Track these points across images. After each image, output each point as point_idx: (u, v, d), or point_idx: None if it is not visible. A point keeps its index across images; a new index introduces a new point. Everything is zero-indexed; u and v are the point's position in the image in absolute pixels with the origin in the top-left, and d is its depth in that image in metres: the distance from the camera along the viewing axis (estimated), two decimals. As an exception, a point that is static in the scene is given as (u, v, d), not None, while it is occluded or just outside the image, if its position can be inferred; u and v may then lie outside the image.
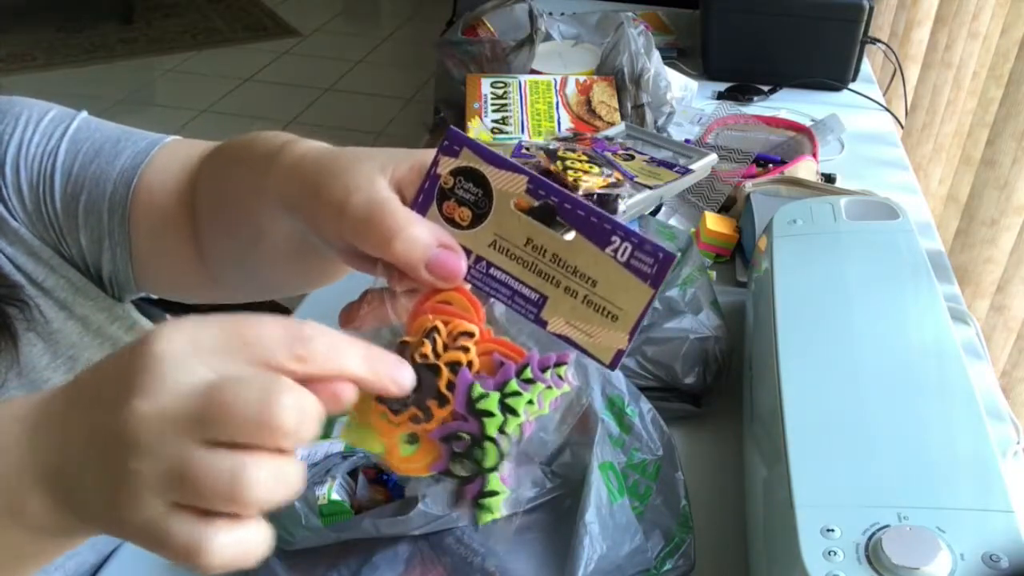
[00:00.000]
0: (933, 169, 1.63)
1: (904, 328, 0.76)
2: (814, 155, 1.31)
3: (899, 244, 0.87)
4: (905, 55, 1.75)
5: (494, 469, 0.42)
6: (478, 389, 0.41)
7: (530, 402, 0.41)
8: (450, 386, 0.41)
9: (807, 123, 1.44)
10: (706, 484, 0.78)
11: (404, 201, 0.43)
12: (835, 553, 0.57)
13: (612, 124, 1.25)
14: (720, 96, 1.58)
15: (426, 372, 0.41)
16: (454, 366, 0.41)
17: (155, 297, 0.73)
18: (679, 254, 0.35)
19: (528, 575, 0.64)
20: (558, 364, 0.42)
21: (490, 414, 0.41)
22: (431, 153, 0.43)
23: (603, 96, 1.30)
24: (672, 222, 1.17)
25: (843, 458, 0.64)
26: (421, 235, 0.41)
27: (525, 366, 0.41)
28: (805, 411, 0.68)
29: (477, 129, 1.25)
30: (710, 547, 0.72)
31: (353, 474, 0.71)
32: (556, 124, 1.26)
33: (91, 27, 4.13)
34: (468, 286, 0.43)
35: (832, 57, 1.59)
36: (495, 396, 0.41)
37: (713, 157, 1.17)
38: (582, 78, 1.33)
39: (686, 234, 1.03)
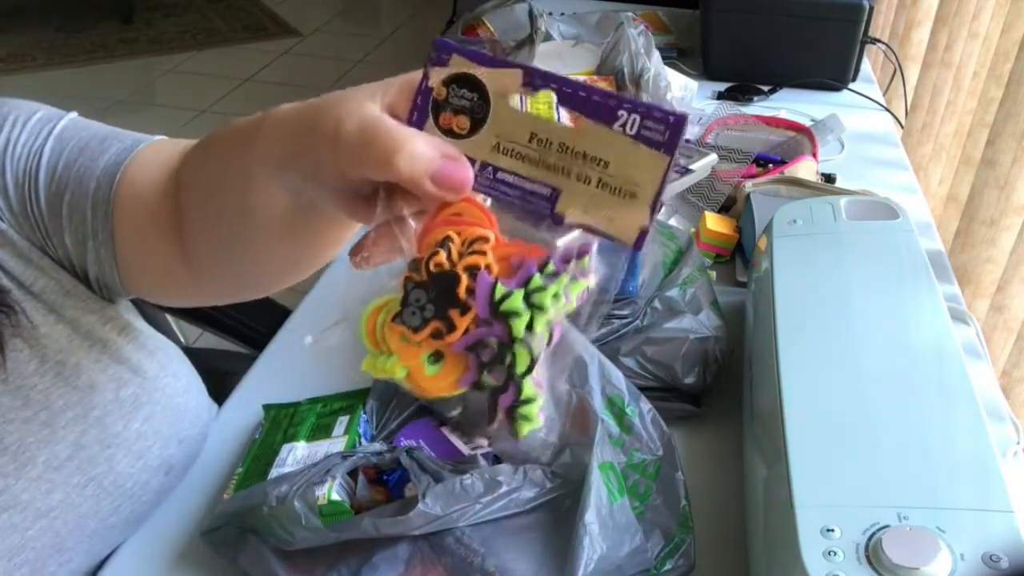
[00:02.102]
0: (933, 169, 1.63)
1: (904, 328, 0.76)
2: (814, 155, 1.31)
3: (899, 244, 0.87)
4: (905, 55, 1.75)
5: (527, 374, 0.39)
6: (500, 289, 0.39)
7: (556, 296, 0.39)
8: (470, 292, 0.39)
9: (807, 123, 1.44)
10: (706, 484, 0.78)
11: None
12: (835, 553, 0.57)
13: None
14: (720, 96, 1.58)
15: (443, 281, 0.39)
16: (472, 271, 0.39)
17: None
18: (689, 114, 0.35)
19: (528, 575, 0.64)
20: (580, 255, 0.40)
21: (516, 314, 0.39)
22: (414, 75, 0.42)
23: (603, 96, 1.29)
24: (672, 222, 1.17)
25: (843, 458, 0.64)
26: (422, 148, 0.40)
27: (547, 260, 0.40)
28: (805, 411, 0.68)
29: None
30: (710, 547, 0.72)
31: (353, 474, 0.71)
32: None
33: (91, 27, 4.13)
34: (479, 197, 0.41)
35: (832, 57, 1.59)
36: (519, 294, 0.39)
37: (713, 157, 1.18)
38: (582, 78, 1.32)
39: (686, 234, 1.03)
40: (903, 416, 0.67)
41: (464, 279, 0.39)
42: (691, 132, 1.43)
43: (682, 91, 1.43)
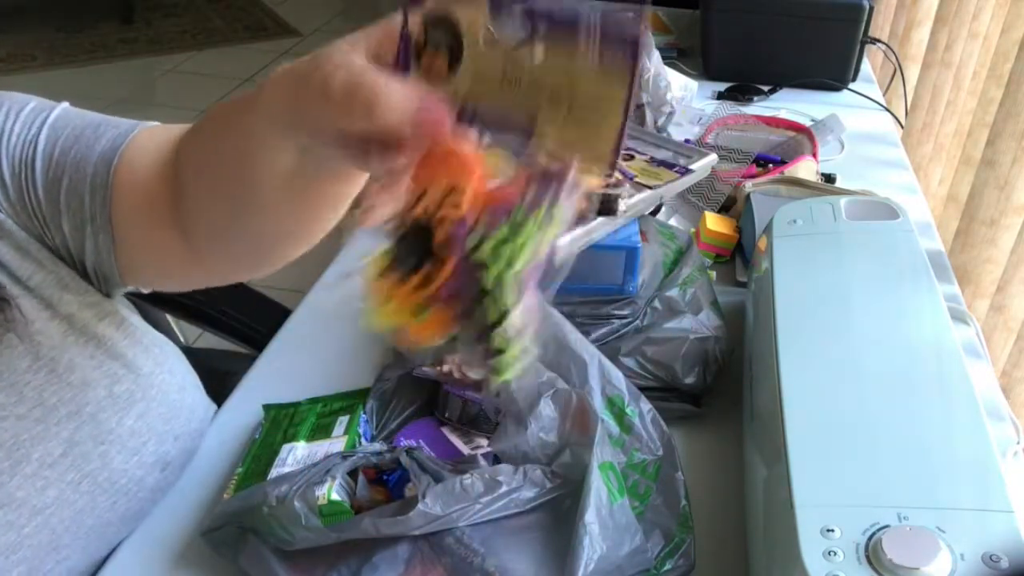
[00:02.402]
0: (933, 169, 1.63)
1: (904, 328, 0.76)
2: (814, 155, 1.31)
3: (899, 244, 0.87)
4: (905, 55, 1.75)
5: (497, 325, 0.40)
6: (472, 239, 0.39)
7: (523, 245, 0.40)
8: (444, 244, 0.40)
9: (807, 123, 1.44)
10: (706, 484, 0.78)
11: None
12: (835, 553, 0.57)
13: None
14: (720, 96, 1.58)
15: (420, 235, 0.40)
16: (448, 221, 0.40)
17: (146, 292, 0.73)
18: (642, 23, 0.36)
19: (528, 575, 0.64)
20: (553, 200, 0.41)
21: (485, 265, 0.39)
22: (399, 18, 0.44)
23: (603, 96, 1.29)
24: (672, 222, 1.17)
25: (843, 458, 0.64)
26: (400, 94, 0.41)
27: (516, 207, 0.40)
28: (805, 411, 0.68)
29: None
30: (710, 547, 0.72)
31: (353, 474, 0.71)
32: (556, 124, 1.26)
33: (91, 27, 4.13)
34: (468, 138, 0.42)
35: (832, 57, 1.59)
36: (490, 243, 0.39)
37: (713, 157, 1.17)
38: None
39: (686, 234, 1.03)
40: (903, 416, 0.67)
41: (439, 232, 0.40)
42: (691, 132, 1.43)
43: (682, 91, 1.43)
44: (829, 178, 1.29)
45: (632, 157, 1.07)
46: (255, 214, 0.58)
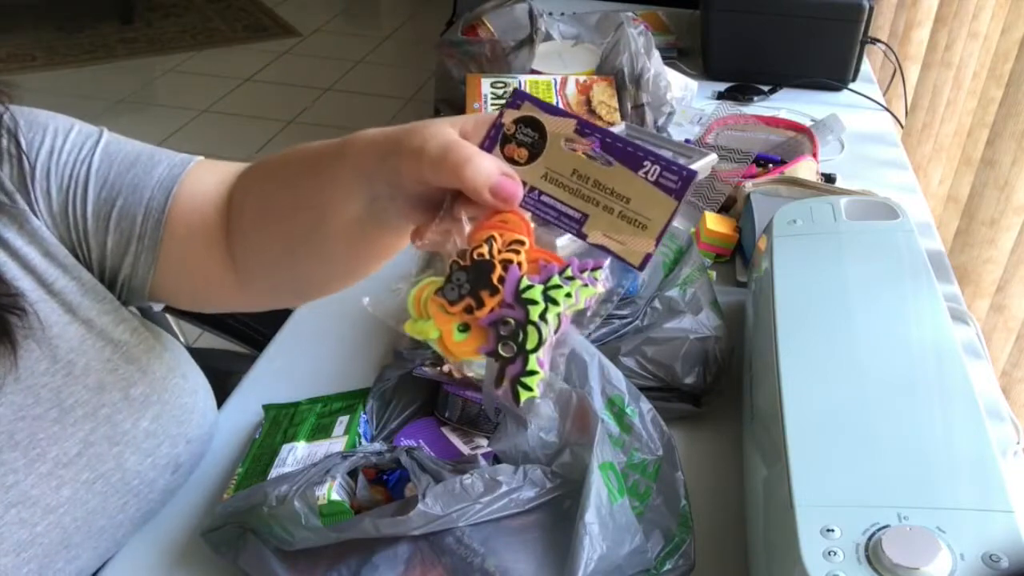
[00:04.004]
0: (933, 169, 1.63)
1: (904, 328, 0.76)
2: (814, 155, 1.31)
3: (899, 244, 0.87)
4: (905, 55, 1.75)
5: (534, 351, 0.48)
6: (525, 281, 0.48)
7: (568, 295, 0.48)
8: (500, 280, 0.48)
9: (807, 123, 1.44)
10: (706, 484, 0.78)
11: None
12: (835, 553, 0.57)
13: (612, 124, 1.25)
14: (720, 96, 1.58)
15: (482, 267, 0.49)
16: (505, 264, 0.49)
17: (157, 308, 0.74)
18: (698, 173, 0.46)
19: (528, 575, 0.64)
20: (595, 268, 0.49)
21: (534, 302, 0.48)
22: (489, 115, 0.53)
23: (603, 96, 1.30)
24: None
25: (843, 458, 0.64)
26: (487, 163, 0.49)
27: (567, 267, 0.49)
28: (805, 411, 0.68)
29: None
30: (710, 547, 0.72)
31: (353, 474, 0.71)
32: (556, 124, 1.26)
33: (91, 27, 4.13)
34: (527, 214, 0.51)
35: (832, 57, 1.59)
36: (539, 287, 0.48)
37: (713, 157, 1.17)
38: (582, 78, 1.32)
39: (686, 234, 1.03)
40: (903, 416, 0.67)
41: (498, 268, 0.49)
42: (691, 132, 1.43)
43: (682, 91, 1.43)
44: (829, 178, 1.29)
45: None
46: (311, 256, 0.63)
